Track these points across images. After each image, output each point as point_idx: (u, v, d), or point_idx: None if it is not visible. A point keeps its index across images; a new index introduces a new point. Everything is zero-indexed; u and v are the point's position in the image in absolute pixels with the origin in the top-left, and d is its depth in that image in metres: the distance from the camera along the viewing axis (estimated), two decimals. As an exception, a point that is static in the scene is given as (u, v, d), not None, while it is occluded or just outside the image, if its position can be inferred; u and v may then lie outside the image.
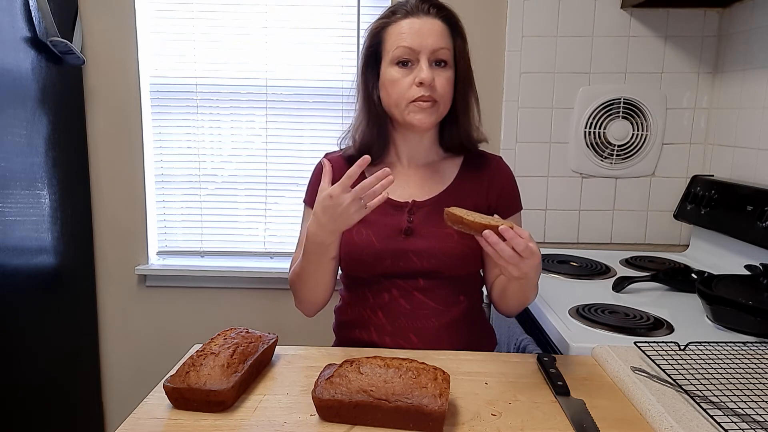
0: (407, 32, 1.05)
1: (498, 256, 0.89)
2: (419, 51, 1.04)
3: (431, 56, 1.05)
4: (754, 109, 1.62)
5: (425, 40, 1.04)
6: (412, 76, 1.05)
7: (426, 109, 1.06)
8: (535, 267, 0.91)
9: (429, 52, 1.04)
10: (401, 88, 1.06)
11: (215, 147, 1.98)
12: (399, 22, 1.06)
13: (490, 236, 0.88)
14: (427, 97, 1.05)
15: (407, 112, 1.07)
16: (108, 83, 1.89)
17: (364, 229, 1.10)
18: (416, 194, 1.14)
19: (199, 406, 0.83)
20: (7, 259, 1.55)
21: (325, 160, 1.04)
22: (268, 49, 1.91)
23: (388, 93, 1.08)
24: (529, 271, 0.90)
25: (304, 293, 1.12)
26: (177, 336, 2.03)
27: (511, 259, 0.88)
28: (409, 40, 1.04)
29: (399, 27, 1.06)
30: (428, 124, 1.08)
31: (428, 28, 1.05)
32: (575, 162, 1.88)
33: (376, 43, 1.10)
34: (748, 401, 0.81)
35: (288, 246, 2.01)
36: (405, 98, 1.06)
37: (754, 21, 1.63)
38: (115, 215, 1.97)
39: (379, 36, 1.09)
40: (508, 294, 1.08)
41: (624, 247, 1.91)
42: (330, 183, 0.99)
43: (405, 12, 1.07)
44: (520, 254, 0.88)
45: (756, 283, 1.21)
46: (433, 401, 0.78)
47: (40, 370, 1.71)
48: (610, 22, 1.80)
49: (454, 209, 0.94)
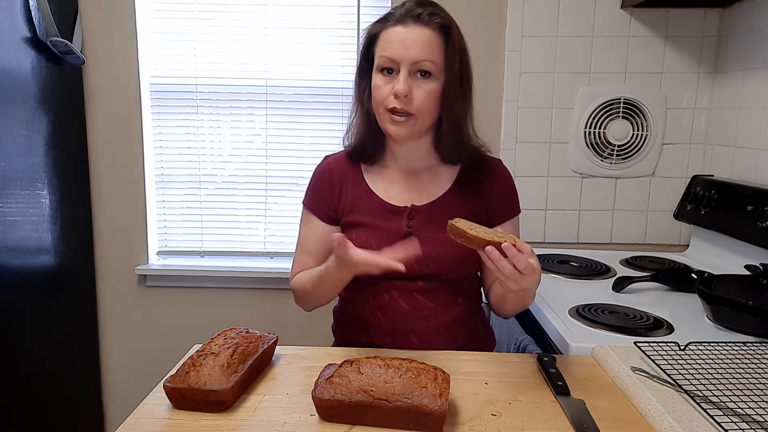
0: (392, 41, 1.04)
1: (499, 272, 0.90)
2: (400, 62, 1.03)
3: (412, 67, 1.03)
4: (754, 109, 1.62)
5: (407, 51, 1.02)
6: (391, 85, 1.04)
7: (400, 122, 1.05)
8: (534, 282, 0.92)
9: (409, 64, 1.03)
10: (381, 95, 1.06)
11: (215, 147, 1.98)
12: (389, 29, 1.05)
13: (492, 252, 0.88)
14: (401, 110, 1.04)
15: (384, 121, 1.07)
16: (108, 83, 1.89)
17: (364, 234, 1.11)
18: (415, 199, 1.14)
19: (199, 406, 0.83)
20: (7, 259, 1.55)
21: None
22: (268, 49, 1.91)
23: (373, 98, 1.09)
24: (529, 286, 0.92)
25: (310, 303, 1.15)
26: (177, 336, 2.03)
27: (511, 276, 0.89)
28: (392, 50, 1.03)
29: (387, 34, 1.05)
30: (402, 136, 1.07)
31: (413, 38, 1.02)
32: (575, 162, 1.88)
33: (370, 47, 1.10)
34: (748, 401, 0.81)
35: (288, 246, 2.01)
36: (382, 106, 1.06)
37: (754, 21, 1.63)
38: (115, 215, 1.97)
39: (373, 40, 1.09)
40: (506, 302, 1.10)
41: (624, 247, 1.90)
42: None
43: (395, 20, 1.05)
44: (521, 271, 0.88)
45: (756, 283, 1.21)
46: (433, 401, 0.78)
47: (41, 370, 1.71)
48: (610, 22, 1.80)
49: (457, 222, 0.94)
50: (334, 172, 1.17)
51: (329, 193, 1.16)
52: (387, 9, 1.61)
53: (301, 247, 1.20)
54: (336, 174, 1.17)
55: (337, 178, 1.17)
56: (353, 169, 1.17)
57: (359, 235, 1.10)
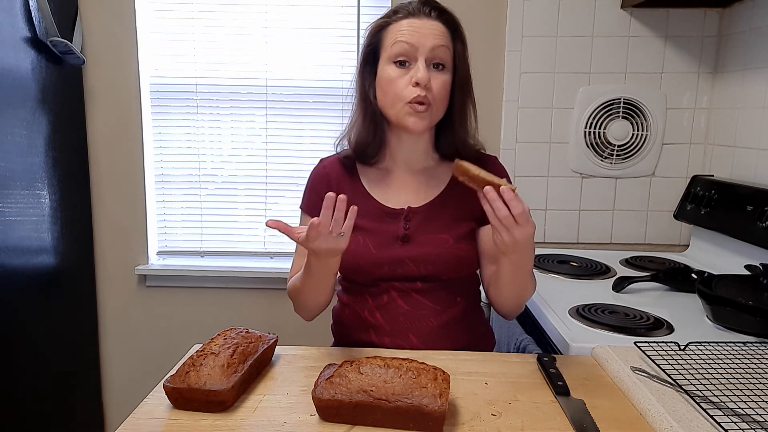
0: (406, 29, 1.04)
1: (493, 216, 0.90)
2: (417, 48, 1.03)
3: (429, 56, 1.03)
4: (754, 109, 1.62)
5: (424, 39, 1.03)
6: (408, 75, 1.04)
7: (420, 112, 1.04)
8: (527, 238, 0.91)
9: (427, 51, 1.03)
10: (397, 87, 1.04)
11: (215, 147, 1.98)
12: (399, 21, 1.06)
13: (489, 192, 0.89)
14: (423, 98, 1.03)
15: (402, 114, 1.05)
16: (108, 83, 1.90)
17: (362, 237, 1.10)
18: (411, 200, 1.13)
19: (199, 406, 0.83)
20: (7, 259, 1.55)
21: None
22: (268, 49, 1.91)
23: (384, 92, 1.07)
24: (521, 239, 0.91)
25: (305, 303, 1.11)
26: (177, 336, 2.03)
27: (505, 220, 0.89)
28: (408, 36, 1.03)
29: (399, 26, 1.05)
30: (422, 128, 1.06)
31: (428, 27, 1.04)
32: (575, 162, 1.88)
33: (375, 41, 1.09)
34: (748, 401, 0.81)
35: (288, 246, 2.01)
36: (400, 98, 1.04)
37: (754, 21, 1.63)
38: (115, 215, 1.97)
39: (379, 35, 1.08)
40: (502, 281, 1.04)
41: (624, 247, 1.90)
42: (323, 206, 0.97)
43: (406, 12, 1.06)
44: (515, 218, 0.89)
45: (756, 283, 1.21)
46: (433, 401, 0.78)
47: (41, 370, 1.71)
48: (610, 22, 1.80)
49: (464, 162, 0.95)
50: (331, 175, 1.17)
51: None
52: (387, 9, 1.61)
53: (298, 253, 1.19)
54: (333, 176, 1.16)
55: (334, 180, 1.16)
56: (349, 172, 1.17)
57: (357, 238, 1.09)
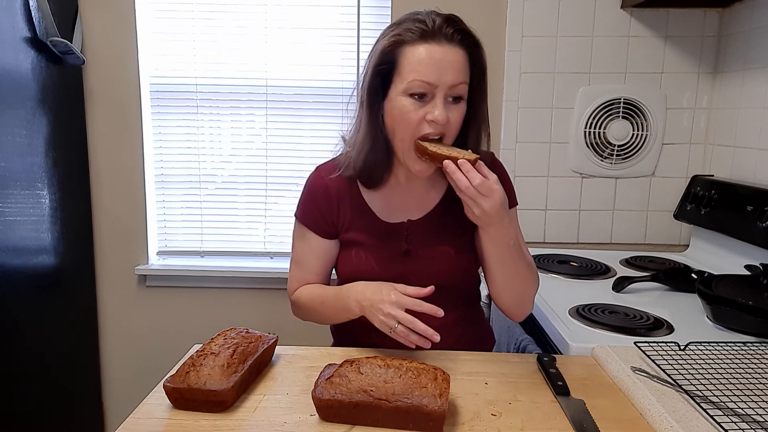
0: (426, 62, 0.94)
1: (457, 188, 0.93)
2: (437, 86, 0.95)
3: (448, 92, 0.96)
4: (754, 109, 1.62)
5: (445, 75, 0.94)
6: (423, 110, 0.96)
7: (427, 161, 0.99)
8: (495, 208, 0.93)
9: (447, 88, 0.95)
10: (410, 122, 0.97)
11: (215, 147, 1.98)
12: (416, 45, 0.95)
13: (447, 166, 0.92)
14: (437, 133, 0.98)
15: (408, 157, 1.00)
16: (108, 83, 1.89)
17: (364, 253, 1.09)
18: (412, 211, 1.11)
19: (199, 406, 0.83)
20: (7, 259, 1.55)
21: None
22: (268, 49, 1.91)
23: (394, 121, 0.99)
24: (489, 209, 0.93)
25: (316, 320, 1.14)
26: (177, 336, 2.03)
27: (467, 191, 0.92)
28: (428, 73, 0.94)
29: (417, 53, 0.95)
30: (428, 174, 1.03)
31: (450, 59, 0.94)
32: (575, 162, 1.88)
33: (389, 62, 0.98)
34: (748, 401, 0.81)
35: (288, 246, 2.00)
36: (411, 134, 0.98)
37: (754, 21, 1.63)
38: (115, 215, 1.97)
39: (392, 55, 0.97)
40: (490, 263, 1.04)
41: (624, 247, 1.90)
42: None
43: (423, 31, 0.95)
44: (476, 188, 0.91)
45: (756, 283, 1.21)
46: (433, 401, 0.78)
47: (40, 370, 1.70)
48: (610, 22, 1.80)
49: (423, 142, 0.97)
50: (330, 187, 1.11)
51: (327, 209, 1.10)
52: (387, 9, 1.59)
53: (299, 265, 1.15)
54: (333, 189, 1.11)
55: (334, 193, 1.11)
56: (350, 185, 1.12)
57: (359, 254, 1.09)
